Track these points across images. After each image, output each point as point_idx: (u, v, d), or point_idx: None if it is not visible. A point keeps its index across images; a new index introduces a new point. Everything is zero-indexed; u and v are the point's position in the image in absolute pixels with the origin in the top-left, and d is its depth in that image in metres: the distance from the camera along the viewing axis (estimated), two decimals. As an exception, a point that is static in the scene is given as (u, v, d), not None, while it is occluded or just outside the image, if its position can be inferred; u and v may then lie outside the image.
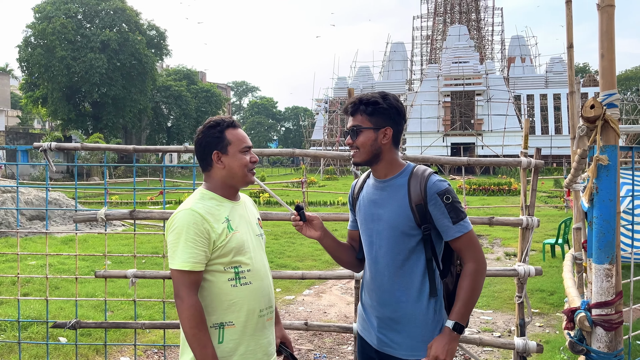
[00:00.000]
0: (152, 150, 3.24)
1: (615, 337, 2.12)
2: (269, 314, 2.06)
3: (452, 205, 1.93)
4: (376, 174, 2.09)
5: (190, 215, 1.90)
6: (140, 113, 45.35)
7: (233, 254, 1.94)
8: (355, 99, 2.05)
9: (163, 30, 47.44)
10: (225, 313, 1.93)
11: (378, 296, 2.04)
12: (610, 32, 2.14)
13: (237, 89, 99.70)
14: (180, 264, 1.86)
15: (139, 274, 3.21)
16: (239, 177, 2.01)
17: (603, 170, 2.08)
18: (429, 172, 2.00)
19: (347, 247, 2.26)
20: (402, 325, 1.99)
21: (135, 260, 3.56)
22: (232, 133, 2.02)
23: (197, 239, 1.87)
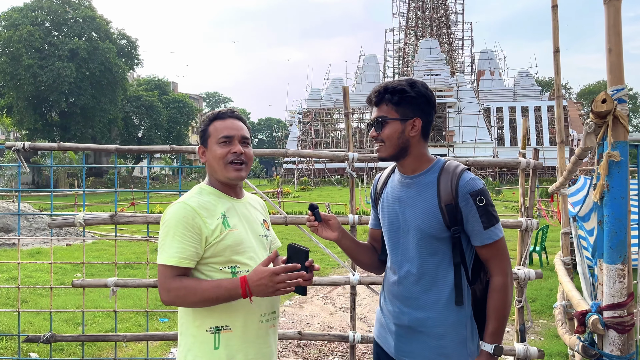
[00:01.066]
0: (135, 151, 3.07)
1: (628, 339, 2.05)
2: (272, 320, 1.91)
3: (485, 209, 1.77)
4: (402, 169, 1.91)
5: (182, 208, 1.78)
6: (110, 123, 44.43)
7: (229, 252, 1.80)
8: (380, 87, 1.87)
9: (134, 39, 46.76)
10: (221, 316, 1.79)
11: (400, 302, 1.89)
12: (618, 26, 2.10)
13: (210, 100, 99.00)
14: (167, 258, 1.74)
15: (121, 282, 3.01)
16: (217, 171, 1.88)
17: (614, 167, 2.02)
18: (461, 168, 1.83)
19: (367, 248, 2.09)
20: (423, 335, 1.84)
21: (117, 270, 3.35)
22: (215, 125, 1.91)
23: (187, 234, 1.75)
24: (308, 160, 47.25)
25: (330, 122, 55.52)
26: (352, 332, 3.23)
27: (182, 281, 1.74)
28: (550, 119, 47.87)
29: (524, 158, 2.83)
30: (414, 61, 54.05)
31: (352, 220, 3.08)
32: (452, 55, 57.68)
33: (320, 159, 3.49)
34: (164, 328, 5.53)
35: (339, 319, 6.29)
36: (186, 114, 51.70)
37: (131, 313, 5.98)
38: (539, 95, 50.80)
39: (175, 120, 50.55)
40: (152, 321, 5.74)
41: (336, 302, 7.15)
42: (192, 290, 1.72)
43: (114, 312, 3.23)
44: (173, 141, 49.86)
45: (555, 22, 4.23)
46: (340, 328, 5.89)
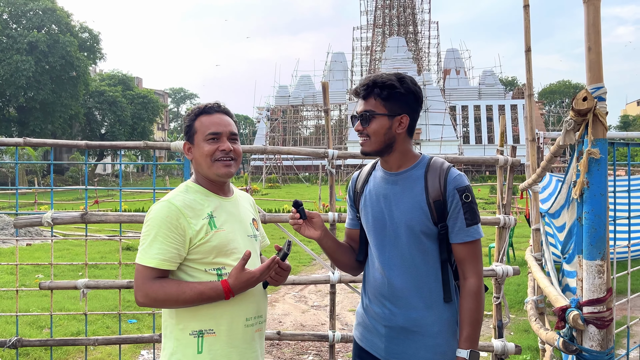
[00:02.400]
0: (107, 146, 2.95)
1: (607, 335, 2.08)
2: (258, 325, 1.84)
3: (469, 206, 1.77)
4: (387, 165, 1.87)
5: (166, 208, 1.71)
6: (72, 119, 43.13)
7: (215, 254, 1.74)
8: (368, 80, 1.82)
9: (96, 32, 45.44)
10: (205, 320, 1.72)
11: (391, 302, 1.84)
12: (597, 25, 2.12)
13: (175, 96, 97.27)
14: (147, 259, 1.67)
15: (92, 284, 2.88)
16: (204, 169, 1.81)
17: (594, 164, 2.04)
18: (447, 165, 1.83)
19: (346, 249, 2.04)
20: (417, 335, 1.81)
21: (87, 270, 3.21)
22: (201, 120, 1.83)
23: (170, 235, 1.68)
24: (276, 157, 47.03)
25: (298, 119, 55.39)
26: (332, 331, 3.20)
27: (163, 285, 1.66)
28: (513, 117, 49.01)
29: (502, 155, 2.85)
30: (381, 59, 54.43)
31: (332, 218, 3.05)
32: (419, 54, 58.37)
33: (292, 155, 3.44)
34: (133, 329, 5.38)
35: (312, 317, 6.26)
36: (151, 110, 50.57)
37: (98, 315, 5.79)
38: (503, 94, 51.94)
39: (140, 116, 49.40)
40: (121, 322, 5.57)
41: (308, 300, 7.11)
42: (173, 297, 1.65)
43: (84, 315, 3.09)
44: (137, 137, 48.74)
45: (527, 21, 4.29)
46: (314, 326, 5.85)
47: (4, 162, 6.01)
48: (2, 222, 12.52)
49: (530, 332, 5.42)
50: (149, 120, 50.86)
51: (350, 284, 3.16)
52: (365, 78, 1.85)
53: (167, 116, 76.16)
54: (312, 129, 58.17)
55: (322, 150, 3.17)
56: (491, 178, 35.52)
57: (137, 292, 1.68)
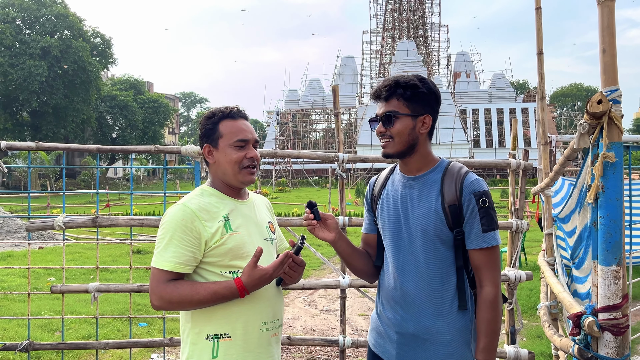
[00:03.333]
0: (118, 151, 2.96)
1: (623, 342, 2.04)
2: (275, 329, 1.82)
3: (486, 211, 1.73)
4: (406, 168, 1.85)
5: (181, 211, 1.70)
6: (84, 123, 43.54)
7: (230, 256, 1.73)
8: (390, 81, 1.80)
9: (108, 37, 45.90)
10: (220, 323, 1.71)
11: (403, 309, 1.81)
12: (612, 27, 2.09)
13: (185, 100, 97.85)
14: (162, 262, 1.66)
15: (103, 288, 2.89)
16: (229, 175, 1.79)
17: (609, 168, 2.00)
18: (465, 169, 1.80)
19: (362, 254, 1.99)
20: (428, 343, 1.78)
21: (98, 273, 3.22)
22: (226, 124, 1.80)
23: (185, 238, 1.67)
24: (286, 161, 47.10)
25: (308, 122, 55.44)
26: (342, 336, 3.18)
27: (177, 287, 1.66)
28: (524, 120, 48.65)
29: (515, 159, 2.81)
30: (391, 63, 54.37)
31: (343, 222, 3.03)
32: (429, 57, 58.21)
33: (303, 159, 3.43)
34: (143, 333, 5.39)
35: (322, 321, 6.23)
36: (162, 114, 50.92)
37: (109, 318, 5.82)
38: (514, 98, 51.62)
39: (151, 120, 49.75)
40: (132, 326, 5.59)
41: (318, 304, 7.09)
42: (187, 297, 1.65)
43: (95, 319, 3.10)
44: (148, 141, 49.05)
45: (539, 23, 4.25)
46: (324, 331, 5.83)
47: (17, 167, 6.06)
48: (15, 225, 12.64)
49: (543, 338, 5.36)
50: (159, 125, 51.20)
51: (360, 288, 3.14)
52: (385, 80, 1.83)
53: (177, 120, 76.59)
54: (322, 133, 58.17)
55: (332, 154, 3.16)
56: (502, 182, 35.27)
57: (151, 295, 1.68)
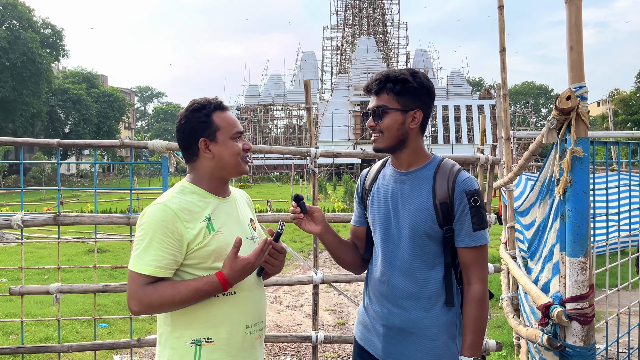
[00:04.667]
0: (81, 145, 2.83)
1: (589, 330, 2.11)
2: (258, 332, 1.77)
3: (478, 210, 1.74)
4: (397, 163, 1.84)
5: (162, 211, 1.61)
6: (33, 117, 41.78)
7: (213, 258, 1.65)
8: (381, 75, 1.78)
9: (59, 29, 44.19)
10: (202, 327, 1.64)
11: (390, 302, 1.81)
12: (579, 25, 2.15)
13: (142, 94, 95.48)
14: (141, 266, 1.58)
15: (65, 288, 2.76)
16: (231, 167, 1.73)
17: (577, 162, 2.06)
18: (458, 167, 1.80)
19: (350, 246, 1.99)
20: (414, 337, 1.79)
21: (60, 273, 3.07)
22: (220, 117, 1.74)
23: (166, 240, 1.58)
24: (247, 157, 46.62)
25: (269, 118, 55.11)
26: (315, 332, 3.16)
27: (157, 289, 1.58)
28: (480, 117, 49.93)
29: (483, 154, 2.86)
30: (351, 59, 54.68)
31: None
32: (389, 54, 58.85)
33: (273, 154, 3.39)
34: (104, 334, 5.22)
35: (288, 317, 6.21)
36: (117, 109, 49.45)
37: (66, 320, 5.61)
38: (470, 95, 52.85)
39: (106, 115, 48.25)
40: (91, 327, 5.40)
41: (283, 300, 7.06)
42: (169, 298, 1.57)
43: (57, 320, 2.96)
44: (103, 137, 47.63)
45: (501, 22, 4.34)
46: (290, 327, 5.81)
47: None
48: (-39, 224, 12.01)
49: (504, 328, 5.51)
50: (115, 119, 49.75)
51: (333, 284, 3.13)
52: (376, 74, 1.82)
53: (134, 115, 74.63)
54: (283, 128, 57.96)
55: (304, 149, 3.14)
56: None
57: (130, 300, 1.59)
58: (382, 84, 1.77)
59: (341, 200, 21.42)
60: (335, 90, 49.84)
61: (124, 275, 8.28)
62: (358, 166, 45.39)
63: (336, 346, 5.02)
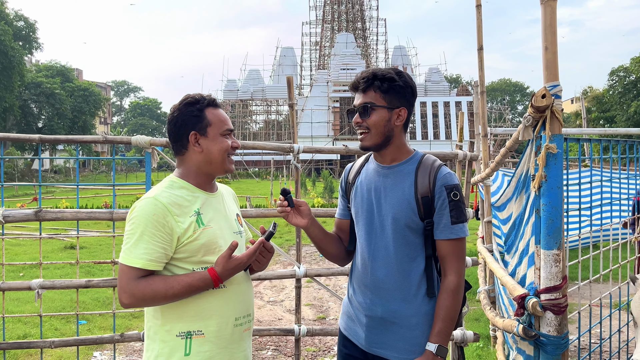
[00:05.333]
0: (63, 141, 2.81)
1: (562, 320, 2.20)
2: (247, 324, 1.81)
3: (456, 204, 1.80)
4: (381, 158, 1.90)
5: (152, 205, 1.63)
6: (6, 112, 40.78)
7: (203, 252, 1.69)
8: (368, 73, 1.83)
9: (33, 21, 43.20)
10: (193, 320, 1.67)
11: (372, 293, 1.87)
12: (553, 26, 2.21)
13: (118, 89, 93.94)
14: (132, 259, 1.60)
15: (47, 284, 2.74)
16: (217, 163, 1.77)
17: (552, 158, 2.14)
18: (439, 163, 1.87)
19: (334, 238, 2.04)
20: (395, 326, 1.84)
21: (40, 269, 3.04)
22: (212, 113, 1.77)
23: (157, 233, 1.61)
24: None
25: (247, 113, 54.83)
26: (297, 325, 3.20)
27: (149, 283, 1.60)
28: (458, 114, 50.52)
29: (461, 150, 2.93)
30: (330, 55, 54.70)
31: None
32: (368, 50, 59.05)
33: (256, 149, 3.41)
34: (83, 331, 5.17)
35: (268, 312, 6.24)
36: (92, 103, 48.58)
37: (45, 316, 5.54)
38: (448, 91, 53.44)
39: (81, 109, 47.37)
40: (70, 324, 5.35)
41: (264, 295, 7.08)
42: (161, 292, 1.60)
43: (39, 316, 2.93)
44: (78, 131, 46.78)
45: (479, 20, 4.42)
46: (271, 322, 5.84)
47: None
48: None
49: (480, 320, 5.63)
50: (90, 114, 48.89)
51: (316, 277, 3.17)
52: (364, 71, 1.87)
53: (109, 110, 73.40)
54: (261, 124, 57.73)
55: (287, 145, 3.16)
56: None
57: (121, 293, 1.60)
58: (369, 82, 1.82)
59: (320, 196, 21.48)
60: (315, 86, 49.86)
61: (102, 272, 8.19)
62: (337, 162, 45.55)
63: (317, 340, 5.08)
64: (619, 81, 41.38)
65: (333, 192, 21.67)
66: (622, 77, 41.04)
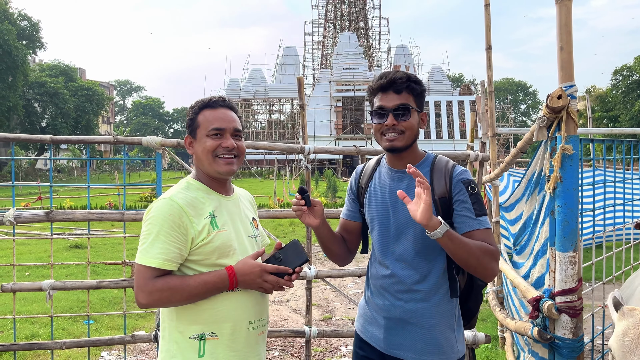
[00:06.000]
0: (74, 141, 2.80)
1: (578, 323, 2.18)
2: (261, 327, 1.81)
3: (477, 197, 1.81)
4: (397, 162, 1.90)
5: (168, 205, 1.63)
6: (9, 111, 40.83)
7: (217, 255, 1.68)
8: (402, 74, 1.84)
9: (36, 20, 43.30)
10: (207, 323, 1.68)
11: (392, 295, 1.87)
12: (569, 26, 2.20)
13: (121, 88, 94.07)
14: (148, 259, 1.60)
15: (59, 285, 2.73)
16: (205, 165, 1.75)
17: (567, 160, 2.12)
18: (452, 163, 1.89)
19: (339, 239, 2.05)
20: (414, 327, 1.84)
21: (52, 270, 3.02)
22: (204, 114, 1.76)
23: (173, 234, 1.61)
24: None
25: (250, 113, 54.84)
26: (308, 326, 3.19)
27: (167, 281, 1.61)
28: (461, 113, 50.40)
29: (473, 151, 2.92)
30: (333, 54, 54.64)
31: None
32: (370, 50, 58.98)
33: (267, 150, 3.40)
34: (91, 331, 5.17)
35: (274, 312, 6.23)
36: (96, 103, 48.64)
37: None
38: (451, 90, 53.29)
39: (84, 109, 47.42)
40: (77, 324, 5.34)
41: (269, 295, 7.08)
42: (178, 290, 1.60)
43: (50, 317, 2.93)
44: (81, 131, 46.87)
45: (487, 20, 4.38)
46: (277, 322, 5.83)
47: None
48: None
49: (487, 321, 5.61)
50: (93, 113, 48.95)
51: (326, 279, 3.16)
52: (396, 72, 1.86)
53: (112, 109, 73.51)
54: (264, 123, 57.72)
55: (298, 145, 3.15)
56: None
57: (138, 293, 1.61)
58: (405, 83, 1.83)
59: (324, 196, 21.46)
60: (317, 85, 49.79)
61: (107, 271, 8.19)
62: (340, 161, 45.49)
63: (323, 340, 5.06)
64: (622, 80, 41.25)
65: (336, 191, 21.64)
66: (626, 76, 40.91)
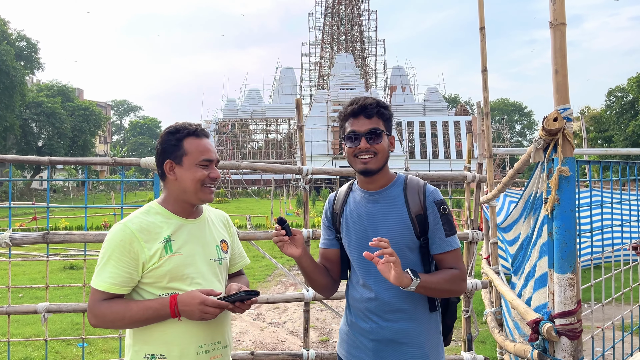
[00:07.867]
0: (72, 162, 2.80)
1: (577, 345, 2.16)
2: (216, 351, 1.81)
3: (447, 217, 1.88)
4: (371, 185, 1.94)
5: (121, 231, 1.71)
6: (6, 131, 40.86)
7: (168, 278, 1.73)
8: (371, 100, 1.91)
9: (35, 41, 43.64)
10: (157, 344, 1.73)
11: (378, 317, 1.88)
12: (563, 49, 2.23)
13: (118, 108, 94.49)
14: (98, 282, 1.69)
15: (53, 308, 2.70)
16: (190, 192, 1.79)
17: (564, 181, 2.13)
18: (423, 181, 1.96)
19: (322, 269, 2.03)
20: (404, 346, 1.86)
21: (47, 292, 2.99)
22: (191, 142, 1.80)
23: (123, 259, 1.69)
24: (225, 172, 46.44)
25: (247, 133, 55.02)
26: (306, 349, 3.15)
27: (111, 305, 1.68)
28: (456, 133, 50.74)
29: (469, 172, 2.93)
30: (330, 75, 55.13)
31: (307, 235, 3.02)
32: (366, 70, 59.55)
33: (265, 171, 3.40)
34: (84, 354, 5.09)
35: (271, 334, 6.16)
36: (93, 123, 48.76)
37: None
38: (446, 111, 53.75)
39: (81, 128, 47.51)
40: (71, 347, 5.27)
41: (266, 317, 7.01)
42: (120, 314, 1.67)
43: (44, 341, 2.89)
44: (78, 150, 46.89)
45: (483, 42, 4.45)
46: (274, 344, 5.77)
47: None
48: None
49: (486, 343, 5.56)
50: (90, 133, 49.05)
51: (324, 300, 3.13)
52: (366, 98, 1.93)
53: (109, 129, 73.66)
54: (261, 143, 57.89)
55: (296, 167, 3.15)
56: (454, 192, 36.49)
57: (88, 314, 1.72)
58: (375, 108, 1.89)
59: (320, 215, 21.44)
60: (314, 105, 50.14)
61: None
62: (337, 181, 45.55)
63: (321, 363, 5.00)
64: (616, 101, 41.69)
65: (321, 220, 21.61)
66: (620, 97, 41.36)
